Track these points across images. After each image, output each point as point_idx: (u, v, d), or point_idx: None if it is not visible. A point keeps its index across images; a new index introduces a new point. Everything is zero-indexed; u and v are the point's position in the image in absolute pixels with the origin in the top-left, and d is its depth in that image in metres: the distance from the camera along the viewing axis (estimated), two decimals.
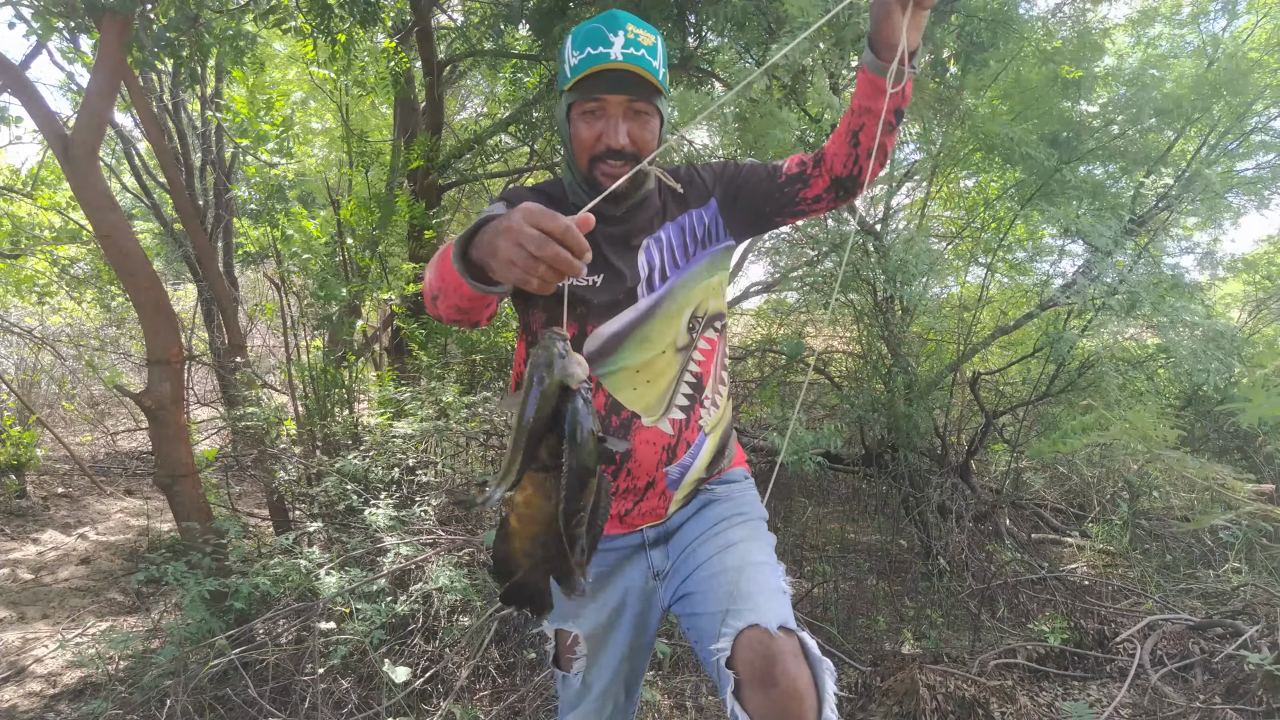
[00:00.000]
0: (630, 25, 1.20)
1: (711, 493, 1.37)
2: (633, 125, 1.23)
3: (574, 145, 1.25)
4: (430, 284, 1.11)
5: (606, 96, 1.20)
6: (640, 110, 1.23)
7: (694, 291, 1.33)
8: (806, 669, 1.09)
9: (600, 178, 1.24)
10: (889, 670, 2.49)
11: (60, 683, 2.63)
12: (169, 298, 2.98)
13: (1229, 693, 2.47)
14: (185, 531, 2.80)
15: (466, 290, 0.99)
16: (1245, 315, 6.05)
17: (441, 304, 1.09)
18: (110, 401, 6.76)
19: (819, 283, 4.56)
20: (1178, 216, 4.00)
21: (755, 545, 1.28)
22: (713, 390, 1.36)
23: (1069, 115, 3.76)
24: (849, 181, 1.30)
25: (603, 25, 1.19)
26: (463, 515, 3.30)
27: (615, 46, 1.18)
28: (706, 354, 1.35)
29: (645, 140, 1.24)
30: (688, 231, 1.34)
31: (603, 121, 1.22)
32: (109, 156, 6.07)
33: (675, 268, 1.32)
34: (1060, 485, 4.75)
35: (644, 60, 1.19)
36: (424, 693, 2.34)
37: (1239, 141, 3.96)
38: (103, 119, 2.67)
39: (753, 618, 1.12)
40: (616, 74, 1.19)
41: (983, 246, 4.15)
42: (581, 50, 1.19)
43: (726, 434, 1.41)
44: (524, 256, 0.83)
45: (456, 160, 4.99)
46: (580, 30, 1.22)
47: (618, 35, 1.18)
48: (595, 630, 1.35)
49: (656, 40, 1.23)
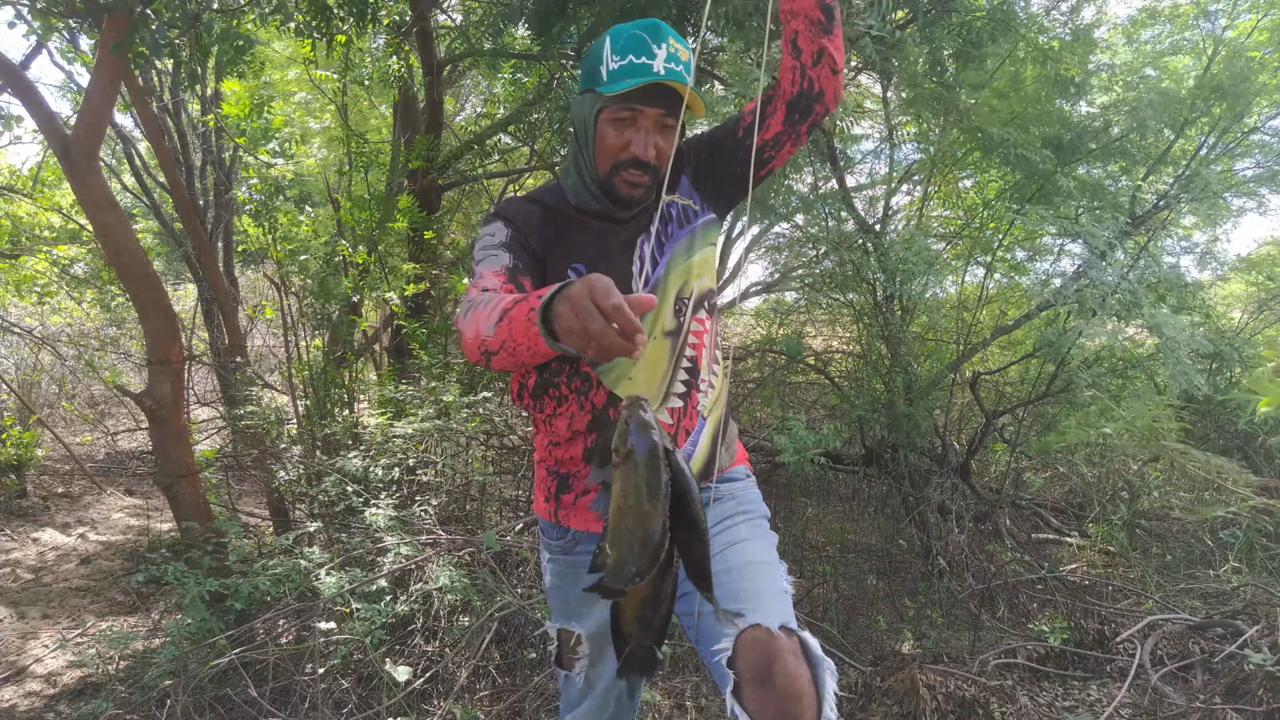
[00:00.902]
0: (671, 39, 1.20)
1: (715, 491, 1.35)
2: (660, 139, 1.23)
3: (597, 148, 1.25)
4: (486, 341, 1.06)
5: (643, 109, 1.21)
6: (669, 125, 1.23)
7: (675, 274, 1.31)
8: (807, 669, 1.09)
9: (620, 184, 1.24)
10: (889, 670, 2.49)
11: (60, 683, 2.63)
12: (169, 298, 2.98)
13: (1229, 693, 2.47)
14: (185, 531, 2.80)
15: (542, 348, 0.97)
16: (1246, 316, 6.05)
17: (499, 360, 1.07)
18: (110, 401, 6.75)
19: (818, 282, 4.57)
20: (1176, 216, 4.00)
21: (757, 544, 1.28)
22: (708, 371, 1.34)
23: (1068, 116, 3.76)
24: (803, 99, 1.26)
25: (646, 35, 1.19)
26: (462, 515, 3.30)
27: (658, 60, 1.18)
28: (699, 335, 1.33)
29: (668, 154, 1.25)
30: (669, 218, 1.33)
31: (633, 131, 1.22)
32: (109, 156, 6.07)
33: (672, 245, 1.32)
34: (1060, 485, 4.75)
35: (681, 77, 1.20)
36: (424, 693, 2.34)
37: (1236, 143, 3.97)
38: (103, 119, 2.67)
39: (754, 618, 1.12)
40: (656, 87, 1.19)
41: (981, 246, 4.15)
42: (623, 57, 1.19)
43: (724, 416, 1.39)
44: (580, 329, 0.85)
45: (456, 160, 4.99)
46: (622, 34, 1.21)
47: (660, 48, 1.18)
48: (598, 630, 1.35)
49: (691, 56, 1.24)
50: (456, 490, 3.33)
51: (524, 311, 0.97)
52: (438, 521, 2.92)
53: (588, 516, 1.32)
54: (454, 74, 5.86)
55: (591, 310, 0.83)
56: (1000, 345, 4.57)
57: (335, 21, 3.35)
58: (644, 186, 1.25)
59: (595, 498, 1.32)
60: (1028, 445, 4.08)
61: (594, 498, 1.31)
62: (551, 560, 1.39)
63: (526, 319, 0.96)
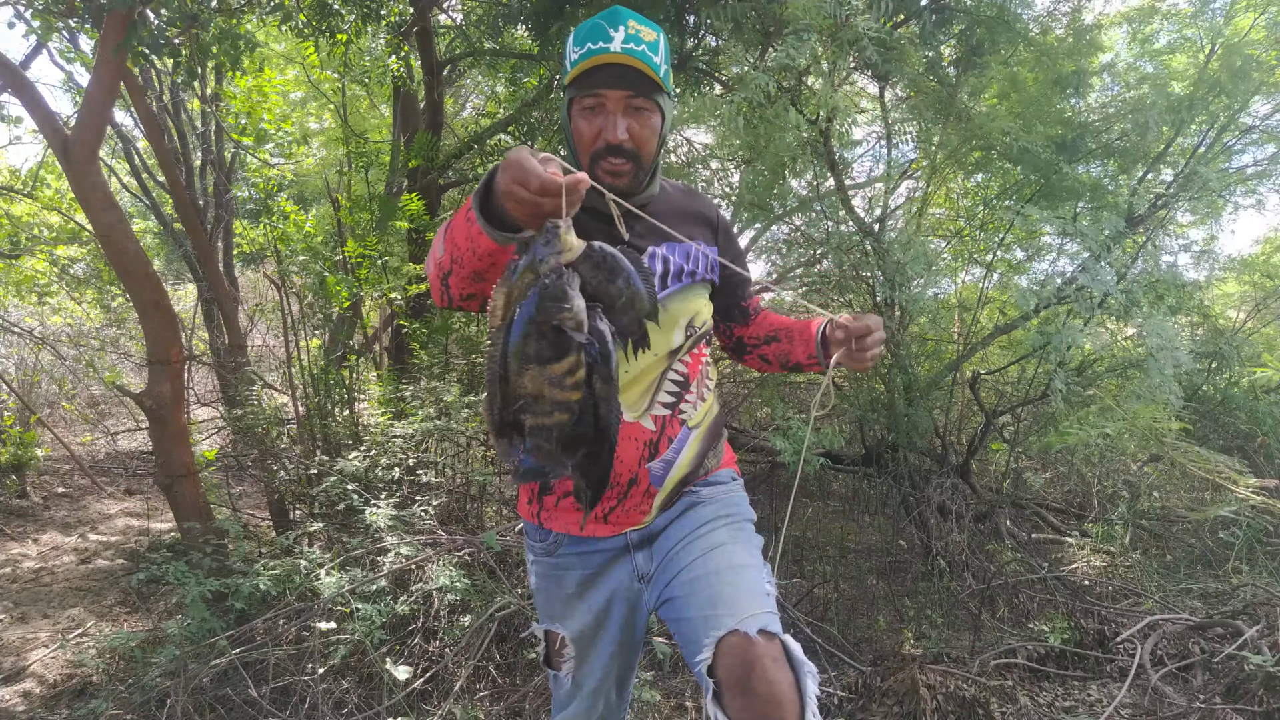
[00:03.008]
0: (632, 21, 1.18)
1: (697, 494, 1.34)
2: (633, 121, 1.21)
3: (575, 143, 1.24)
4: (439, 261, 1.10)
5: (605, 91, 1.19)
6: (640, 107, 1.21)
7: (691, 302, 1.32)
8: (788, 673, 1.08)
9: (602, 175, 1.22)
10: (889, 670, 2.49)
11: (60, 683, 2.63)
12: (169, 298, 2.98)
13: (1229, 693, 2.47)
14: (185, 531, 2.80)
15: (484, 244, 1.01)
16: (1243, 315, 6.06)
17: (454, 279, 1.09)
18: (110, 401, 6.75)
19: (816, 283, 4.56)
20: (1174, 214, 4.00)
21: (740, 548, 1.26)
22: (699, 386, 1.34)
23: (1069, 115, 3.76)
24: (734, 345, 1.53)
25: (604, 21, 1.18)
26: (462, 515, 3.30)
27: (615, 40, 1.16)
28: (695, 358, 1.34)
29: (645, 137, 1.22)
30: (692, 257, 1.33)
31: (602, 117, 1.20)
32: (109, 156, 6.07)
33: (677, 280, 1.31)
34: (1060, 485, 4.75)
35: (644, 55, 1.17)
36: (424, 693, 2.34)
37: (1234, 139, 3.97)
38: (103, 119, 2.67)
39: (732, 623, 1.11)
40: (616, 68, 1.17)
41: (981, 245, 4.15)
42: (582, 45, 1.18)
43: (714, 431, 1.38)
44: (514, 189, 0.93)
45: (456, 160, 4.99)
46: (582, 26, 1.20)
47: (618, 30, 1.17)
48: (583, 631, 1.34)
49: (659, 36, 1.21)
50: (456, 490, 3.33)
51: (462, 212, 1.03)
52: (438, 522, 2.92)
53: (569, 519, 1.31)
54: (454, 74, 5.86)
55: (524, 168, 0.92)
56: (1000, 345, 4.56)
57: (336, 20, 3.35)
58: (626, 175, 1.23)
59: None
60: (1028, 445, 4.08)
61: (575, 500, 1.30)
62: (535, 562, 1.39)
63: (465, 218, 1.02)
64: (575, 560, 1.33)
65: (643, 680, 2.45)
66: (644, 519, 1.30)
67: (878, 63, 3.08)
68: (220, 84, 4.91)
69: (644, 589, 1.32)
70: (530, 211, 0.95)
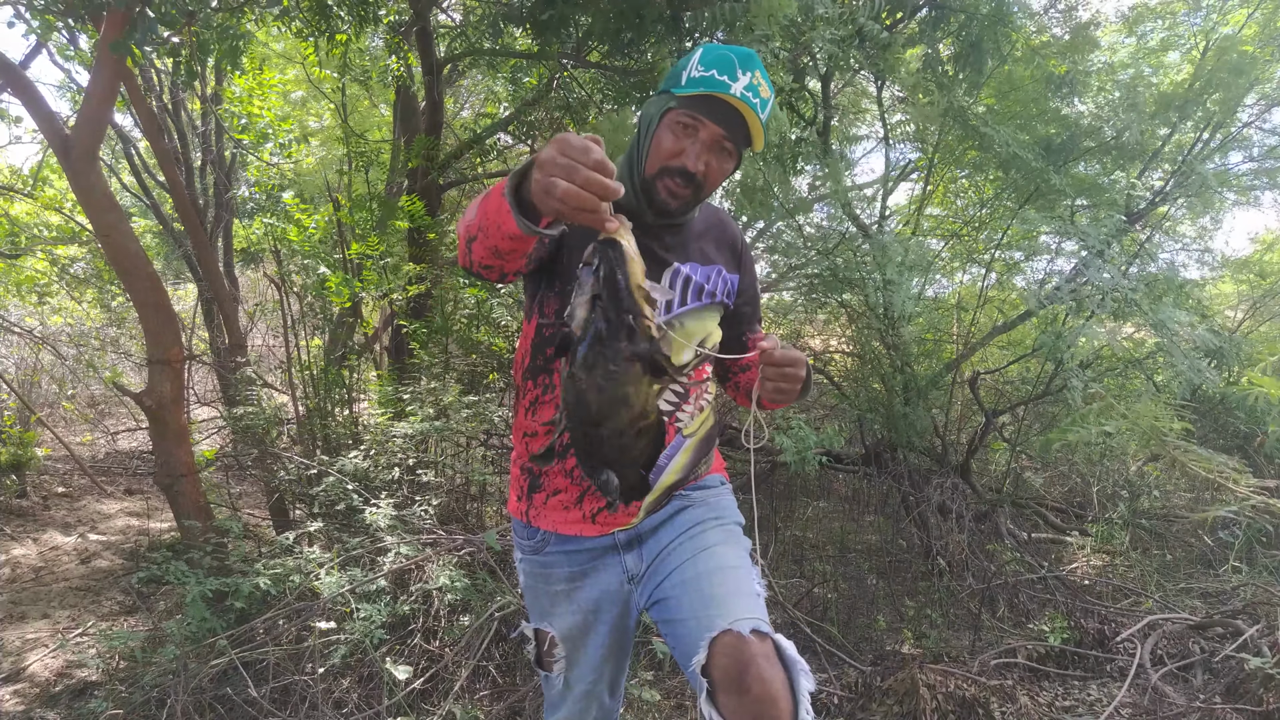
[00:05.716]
0: (758, 73, 1.22)
1: (686, 498, 1.36)
2: (713, 159, 1.24)
3: (652, 146, 1.24)
4: (470, 224, 1.10)
5: (708, 122, 1.21)
6: (726, 149, 1.24)
7: (705, 322, 1.35)
8: (781, 672, 1.09)
9: (660, 189, 1.24)
10: (889, 670, 2.49)
11: (60, 683, 2.63)
12: (169, 298, 2.98)
13: (1229, 692, 2.48)
14: (185, 531, 2.80)
15: (509, 228, 1.00)
16: (1239, 314, 6.06)
17: (478, 246, 1.10)
18: (110, 401, 6.75)
19: (814, 283, 4.56)
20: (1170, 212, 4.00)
21: (729, 549, 1.28)
22: (697, 398, 1.36)
23: (1064, 115, 3.76)
24: (721, 372, 1.52)
25: (736, 58, 1.20)
26: (462, 515, 3.30)
27: (739, 84, 1.19)
28: (698, 374, 1.36)
29: (715, 178, 1.26)
30: (713, 280, 1.36)
31: (689, 140, 1.22)
32: (109, 156, 6.07)
33: (696, 298, 1.33)
34: (1060, 485, 4.75)
35: (756, 108, 1.21)
36: (424, 693, 2.34)
37: (1230, 137, 3.97)
38: (103, 119, 2.67)
39: (726, 623, 1.12)
40: (727, 106, 1.20)
41: (980, 245, 4.15)
42: (707, 69, 1.20)
43: (708, 440, 1.40)
44: (551, 182, 0.87)
45: (456, 160, 4.99)
46: (714, 50, 1.22)
47: (745, 75, 1.20)
48: (571, 631, 1.35)
49: (771, 96, 1.25)
50: (456, 490, 3.33)
51: (499, 186, 1.01)
52: (438, 521, 2.92)
53: (556, 517, 1.32)
54: (454, 74, 5.86)
55: (563, 162, 0.87)
56: (999, 345, 4.57)
57: (335, 20, 3.35)
58: (682, 200, 1.25)
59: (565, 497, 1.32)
60: (1028, 445, 4.08)
61: (563, 498, 1.31)
62: (523, 560, 1.40)
63: (500, 193, 1.00)
64: (562, 558, 1.34)
65: (643, 680, 2.45)
66: (631, 520, 1.32)
67: (879, 63, 3.08)
68: (220, 84, 4.91)
69: (634, 590, 1.34)
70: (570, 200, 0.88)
